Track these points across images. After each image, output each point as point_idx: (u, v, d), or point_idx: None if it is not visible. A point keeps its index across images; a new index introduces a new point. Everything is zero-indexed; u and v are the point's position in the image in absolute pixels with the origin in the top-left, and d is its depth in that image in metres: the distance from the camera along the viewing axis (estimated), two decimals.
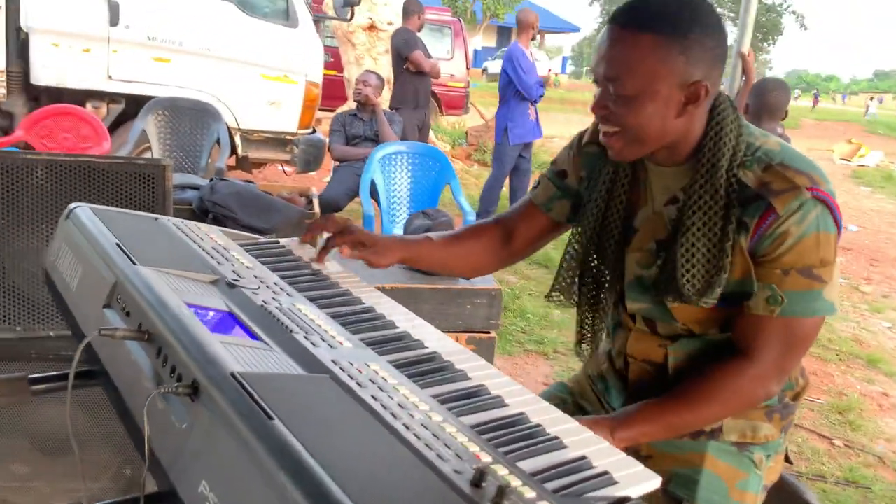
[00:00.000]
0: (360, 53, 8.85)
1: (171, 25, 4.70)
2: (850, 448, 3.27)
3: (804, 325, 1.19)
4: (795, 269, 1.16)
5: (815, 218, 1.14)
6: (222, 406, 0.71)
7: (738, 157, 1.19)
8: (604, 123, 1.21)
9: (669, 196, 1.27)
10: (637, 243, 1.30)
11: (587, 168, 1.41)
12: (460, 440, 0.75)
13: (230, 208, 2.94)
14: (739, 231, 1.17)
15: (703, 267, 1.19)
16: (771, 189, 1.15)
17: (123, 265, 0.99)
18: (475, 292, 2.72)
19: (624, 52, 1.14)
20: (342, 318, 1.05)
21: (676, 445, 1.34)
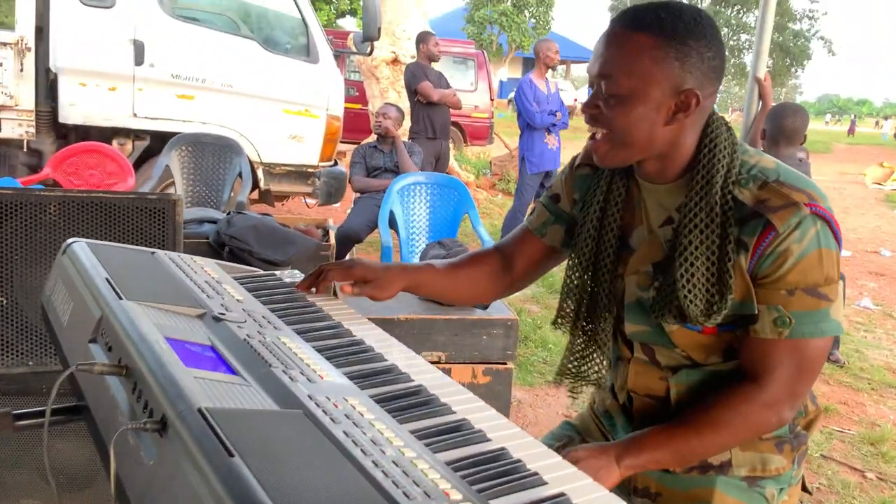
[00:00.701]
0: (384, 87, 8.96)
1: (194, 63, 4.80)
2: (883, 481, 3.16)
3: (814, 347, 1.16)
4: (801, 289, 1.13)
5: (815, 235, 1.11)
6: (187, 442, 0.70)
7: (733, 174, 1.16)
8: (592, 124, 1.19)
9: (665, 217, 1.24)
10: (634, 265, 1.28)
11: (580, 190, 1.39)
12: (432, 477, 0.73)
13: (246, 241, 2.96)
14: (739, 251, 1.14)
15: (703, 287, 1.16)
16: (768, 206, 1.12)
17: (110, 299, 0.99)
18: (491, 322, 2.70)
19: (620, 50, 1.13)
20: (328, 351, 1.04)
21: (685, 482, 1.30)
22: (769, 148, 3.38)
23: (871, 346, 4.97)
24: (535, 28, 29.59)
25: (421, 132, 5.96)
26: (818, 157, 22.23)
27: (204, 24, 4.97)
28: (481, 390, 2.72)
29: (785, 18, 36.95)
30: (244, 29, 5.12)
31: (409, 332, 2.63)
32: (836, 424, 3.66)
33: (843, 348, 4.63)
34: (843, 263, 5.91)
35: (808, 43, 37.87)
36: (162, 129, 4.83)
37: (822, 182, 15.02)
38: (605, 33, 1.17)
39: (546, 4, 29.83)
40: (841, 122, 65.82)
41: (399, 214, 4.28)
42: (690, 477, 1.30)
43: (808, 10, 37.83)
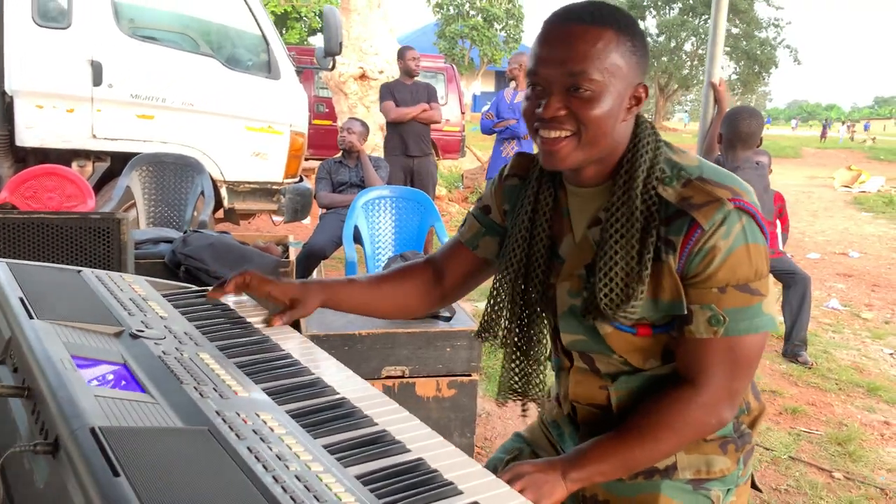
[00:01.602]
0: (352, 102, 8.95)
1: (153, 83, 4.75)
2: (850, 480, 3.16)
3: (748, 343, 1.15)
4: (732, 286, 1.12)
5: (741, 230, 1.11)
6: (76, 462, 0.67)
7: (656, 172, 1.16)
8: (557, 127, 1.14)
9: (592, 218, 1.23)
10: (567, 272, 1.26)
11: (509, 201, 1.38)
12: (336, 491, 0.71)
13: (203, 260, 2.92)
14: (667, 251, 1.13)
15: (621, 280, 1.14)
16: (692, 203, 1.11)
17: (21, 319, 0.96)
18: (454, 334, 2.67)
19: (590, 45, 1.10)
20: (250, 367, 1.01)
21: (631, 488, 1.28)
22: (725, 151, 3.41)
23: (839, 346, 5.00)
24: (506, 42, 29.80)
25: (394, 148, 5.95)
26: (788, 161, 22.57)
27: (163, 44, 4.93)
28: (447, 403, 2.69)
29: (751, 27, 37.55)
30: (204, 47, 5.08)
31: (372, 347, 2.60)
32: (803, 425, 3.67)
33: (810, 349, 4.66)
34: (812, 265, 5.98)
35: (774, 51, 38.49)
36: (122, 150, 4.77)
37: (791, 186, 15.23)
38: (561, 30, 1.13)
39: (516, 18, 30.08)
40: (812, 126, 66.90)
41: (364, 229, 4.25)
42: (637, 483, 1.28)
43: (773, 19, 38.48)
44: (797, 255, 7.68)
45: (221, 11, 5.11)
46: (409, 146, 5.88)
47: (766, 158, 4.71)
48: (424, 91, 6.00)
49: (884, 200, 13.64)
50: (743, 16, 36.32)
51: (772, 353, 4.69)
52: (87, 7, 4.60)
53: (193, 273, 2.91)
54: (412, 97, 5.90)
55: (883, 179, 16.11)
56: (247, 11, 4.95)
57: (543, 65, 1.13)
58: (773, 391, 4.05)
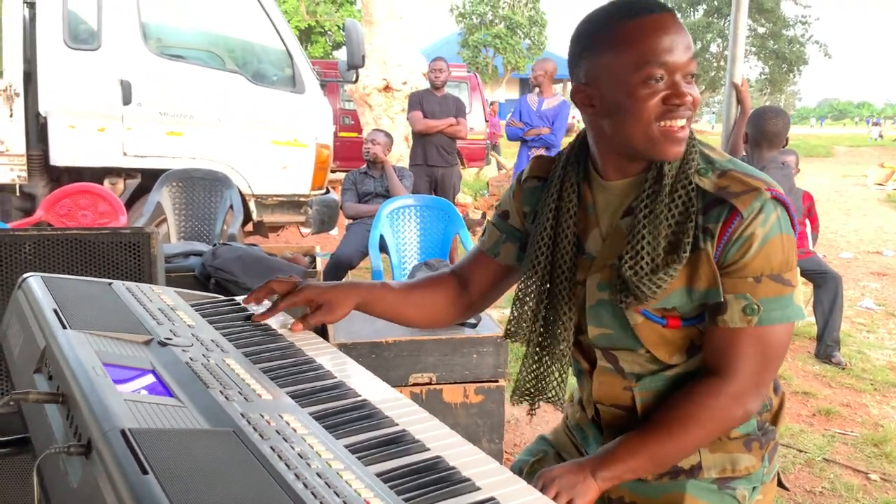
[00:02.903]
0: (377, 114, 9.02)
1: (181, 100, 4.86)
2: (887, 482, 3.11)
3: (778, 333, 1.16)
4: (766, 275, 1.13)
5: (777, 219, 1.13)
6: (107, 462, 0.70)
7: (691, 163, 1.17)
8: (686, 113, 1.15)
9: (625, 208, 1.24)
10: (598, 264, 1.26)
11: (529, 203, 1.39)
12: (356, 487, 0.74)
13: (232, 272, 2.98)
14: (706, 239, 1.14)
15: (647, 255, 1.15)
16: (730, 192, 1.13)
17: (55, 329, 1.00)
18: (480, 341, 2.69)
19: (684, 31, 1.13)
20: (274, 371, 1.04)
21: (657, 489, 1.28)
22: (751, 151, 3.39)
23: (874, 346, 4.92)
24: (529, 49, 29.82)
25: (416, 158, 6.01)
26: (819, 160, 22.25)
27: (190, 61, 5.03)
28: (474, 409, 2.71)
29: (778, 26, 37.11)
30: (230, 63, 5.18)
31: (399, 355, 2.63)
32: (838, 427, 3.62)
33: (844, 350, 4.59)
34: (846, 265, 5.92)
35: (803, 48, 38.01)
36: (152, 167, 4.87)
37: (823, 185, 15.00)
38: (666, 20, 1.13)
39: (539, 25, 30.09)
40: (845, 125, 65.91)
41: (389, 238, 4.29)
42: (662, 483, 1.28)
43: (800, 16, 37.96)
44: (830, 255, 7.57)
45: (246, 28, 5.21)
46: (432, 156, 5.92)
47: (794, 158, 4.66)
48: (453, 104, 6.04)
49: None
50: (769, 15, 35.91)
51: (804, 354, 4.63)
52: (116, 28, 4.73)
53: (223, 285, 2.96)
54: (440, 109, 5.94)
55: None
56: (271, 28, 5.04)
57: (671, 53, 1.12)
58: (806, 392, 4.00)
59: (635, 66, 1.12)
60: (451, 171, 6.06)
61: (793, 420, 3.66)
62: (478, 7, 29.97)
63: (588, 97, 1.19)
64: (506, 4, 29.97)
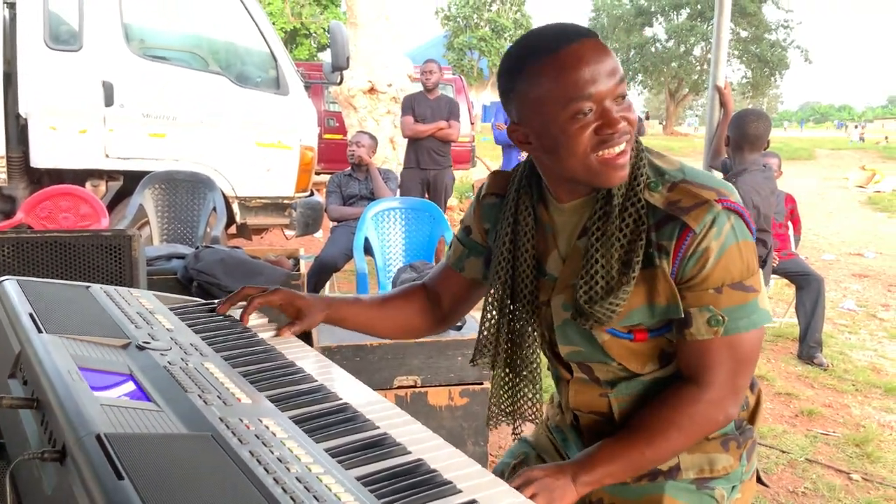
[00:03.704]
0: (362, 116, 9.00)
1: (164, 101, 4.82)
2: (868, 482, 3.14)
3: (748, 340, 1.16)
4: (727, 285, 1.13)
5: (731, 228, 1.12)
6: (82, 468, 0.69)
7: (640, 180, 1.16)
8: (622, 139, 1.11)
9: (580, 229, 1.23)
10: (560, 285, 1.26)
11: (489, 220, 1.37)
12: (335, 491, 0.73)
13: (214, 275, 2.95)
14: (661, 256, 1.13)
15: (601, 278, 1.15)
16: (681, 207, 1.12)
17: (30, 333, 0.99)
18: (465, 343, 2.68)
19: (610, 56, 1.09)
20: (253, 375, 1.03)
21: (636, 491, 1.29)
22: (733, 154, 3.40)
23: (855, 347, 4.97)
24: None
25: (409, 160, 6.03)
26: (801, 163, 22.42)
27: (173, 63, 4.99)
28: (459, 412, 2.70)
29: (761, 30, 37.46)
30: (213, 65, 5.15)
31: (383, 358, 2.62)
32: (820, 427, 3.64)
33: (826, 351, 4.63)
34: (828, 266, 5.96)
35: (785, 52, 38.37)
36: (135, 169, 4.83)
37: (806, 187, 15.12)
38: (588, 47, 1.08)
39: (524, 28, 30.16)
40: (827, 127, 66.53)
41: (374, 240, 4.28)
42: (641, 485, 1.28)
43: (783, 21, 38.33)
44: (812, 257, 7.63)
45: (230, 30, 5.18)
46: (424, 159, 5.93)
47: (776, 161, 4.70)
48: (446, 107, 6.04)
49: None
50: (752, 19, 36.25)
51: (787, 355, 4.67)
52: (97, 29, 4.69)
53: (205, 288, 2.94)
54: (432, 112, 5.94)
55: None
56: (255, 29, 5.01)
57: (595, 83, 1.07)
58: (789, 393, 4.03)
59: (561, 104, 1.08)
60: (443, 174, 6.07)
61: (775, 421, 3.68)
62: (463, 10, 30.02)
63: (524, 135, 1.17)
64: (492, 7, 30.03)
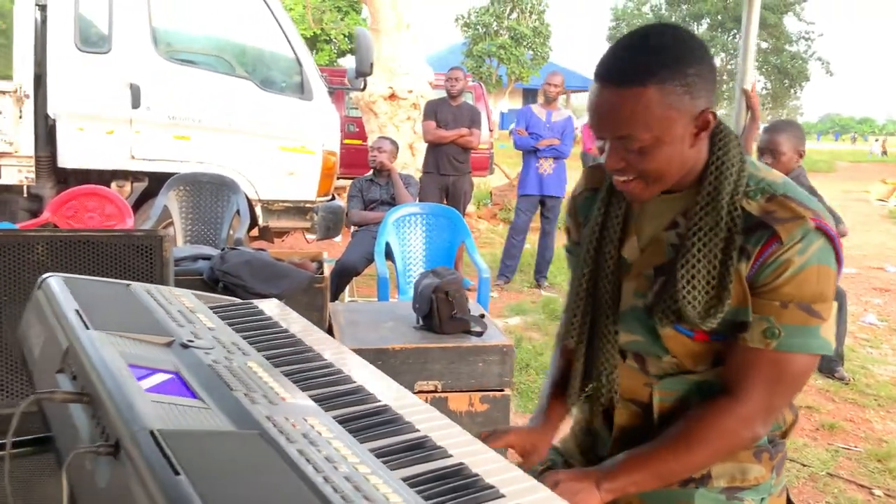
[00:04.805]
0: (382, 122, 9.04)
1: (190, 104, 4.87)
2: (891, 497, 3.11)
3: (797, 362, 1.16)
4: (794, 302, 1.13)
5: (817, 250, 1.12)
6: (137, 463, 0.70)
7: (741, 186, 1.18)
8: (621, 174, 1.19)
9: (669, 221, 1.25)
10: (634, 272, 1.28)
11: (583, 213, 1.42)
12: (384, 492, 0.74)
13: (240, 276, 2.98)
14: (741, 258, 1.15)
15: (703, 290, 1.16)
16: (775, 217, 1.14)
17: (77, 330, 1.00)
18: (486, 349, 2.68)
19: (630, 111, 1.10)
20: (295, 374, 1.04)
21: (665, 496, 1.29)
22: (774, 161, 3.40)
23: (877, 361, 4.92)
24: (533, 59, 29.89)
25: (428, 166, 6.07)
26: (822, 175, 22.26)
27: (199, 66, 5.05)
28: (479, 418, 2.70)
29: (781, 41, 37.26)
30: (239, 69, 5.20)
31: (405, 362, 2.63)
32: (842, 441, 3.61)
33: (848, 365, 4.59)
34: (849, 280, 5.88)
35: (805, 64, 38.13)
36: (160, 170, 4.88)
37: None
38: (604, 96, 1.13)
39: (543, 36, 30.17)
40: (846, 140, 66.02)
41: (395, 245, 4.29)
42: (671, 491, 1.29)
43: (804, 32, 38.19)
44: None
45: (256, 35, 5.23)
46: (443, 165, 5.96)
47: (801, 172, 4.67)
48: (468, 114, 6.07)
49: None
50: (772, 30, 36.07)
51: None
52: (126, 32, 4.75)
53: (231, 289, 2.96)
54: (454, 118, 5.98)
55: None
56: (280, 34, 5.06)
57: (596, 128, 1.18)
58: (810, 407, 4.00)
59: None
60: (462, 180, 6.09)
61: (797, 434, 3.65)
62: (483, 17, 30.06)
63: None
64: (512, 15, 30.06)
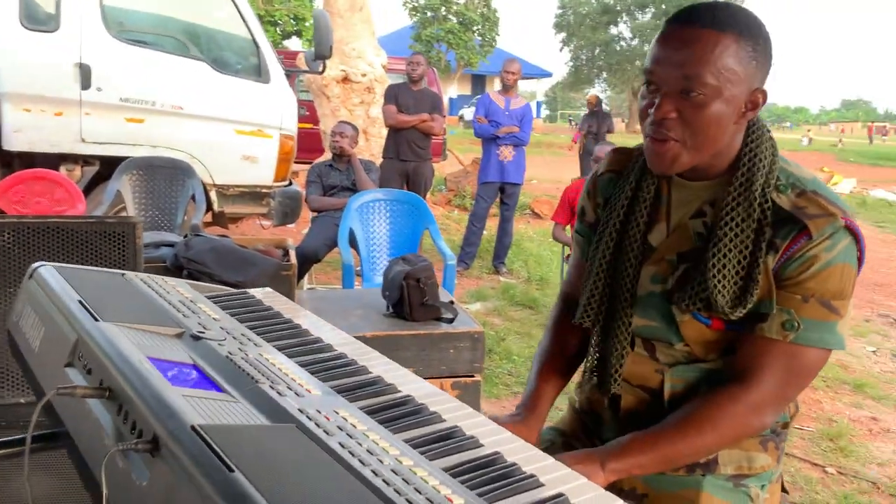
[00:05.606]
0: (335, 105, 8.94)
1: (143, 86, 4.71)
2: (843, 475, 3.24)
3: (810, 356, 1.18)
4: (816, 298, 1.15)
5: (844, 248, 1.14)
6: (182, 460, 0.68)
7: (773, 179, 1.19)
8: (664, 130, 1.16)
9: (695, 209, 1.26)
10: (656, 257, 1.28)
11: (604, 195, 1.41)
12: (432, 483, 0.73)
13: (205, 264, 2.91)
14: (768, 251, 1.16)
15: (732, 279, 1.17)
16: (806, 213, 1.15)
17: (85, 322, 0.97)
18: (457, 336, 2.69)
19: (707, 49, 1.10)
20: (311, 365, 1.03)
21: (672, 482, 1.31)
22: None
23: None
24: (481, 45, 29.88)
25: (388, 151, 6.02)
26: None
27: (152, 47, 4.88)
28: None
29: None
30: (193, 50, 5.05)
31: (376, 350, 2.61)
32: (795, 422, 3.73)
33: None
34: None
35: None
36: (111, 154, 4.71)
37: None
38: (680, 32, 1.13)
39: (491, 21, 30.18)
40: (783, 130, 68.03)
41: (359, 232, 4.26)
42: (677, 477, 1.30)
43: None
44: None
45: (211, 15, 5.08)
46: (404, 151, 5.92)
47: None
48: (429, 100, 6.02)
49: (857, 202, 13.89)
50: None
51: None
52: (75, 10, 4.56)
53: (196, 276, 2.89)
54: (415, 103, 5.92)
55: (854, 181, 16.42)
56: (237, 15, 4.93)
57: (660, 65, 1.14)
58: None
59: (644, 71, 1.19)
60: (423, 166, 6.05)
61: None
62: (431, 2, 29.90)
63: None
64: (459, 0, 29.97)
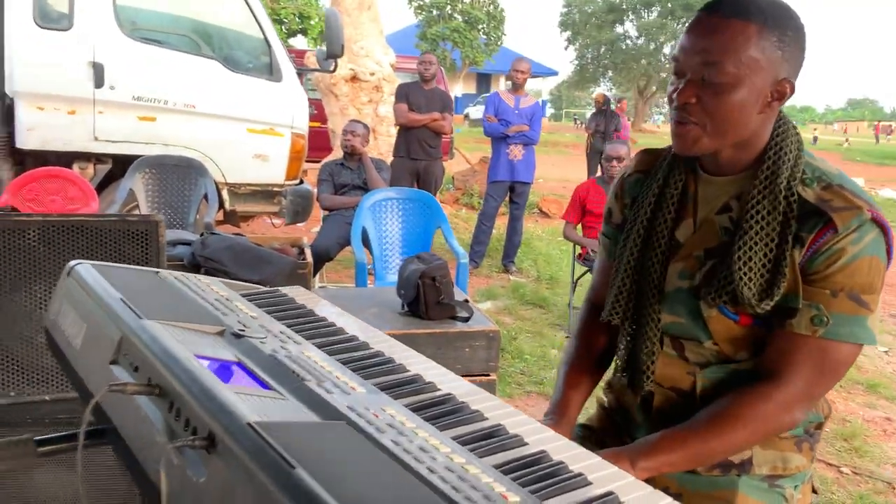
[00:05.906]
0: (343, 104, 8.95)
1: (155, 85, 4.73)
2: (858, 475, 3.24)
3: (841, 351, 1.18)
4: (844, 292, 1.15)
5: (871, 241, 1.14)
6: (241, 457, 0.69)
7: (798, 173, 1.20)
8: (686, 113, 1.19)
9: (721, 204, 1.27)
10: (684, 253, 1.29)
11: (631, 195, 1.43)
12: (486, 481, 0.73)
13: (222, 262, 2.93)
14: (794, 245, 1.17)
15: (759, 272, 1.18)
16: (831, 206, 1.15)
17: (129, 320, 0.97)
18: (473, 335, 2.69)
19: (728, 38, 1.13)
20: (352, 363, 1.03)
21: (707, 482, 1.30)
22: None
23: None
24: (487, 44, 29.88)
25: (399, 150, 6.03)
26: None
27: (164, 45, 4.89)
28: None
29: None
30: (206, 49, 5.06)
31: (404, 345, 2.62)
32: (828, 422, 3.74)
33: None
34: None
35: None
36: (124, 152, 4.73)
37: None
38: (705, 22, 1.17)
39: (497, 20, 30.17)
40: None
41: (371, 230, 4.26)
42: (711, 477, 1.30)
43: None
44: None
45: (224, 14, 5.10)
46: (414, 149, 5.92)
47: None
48: (440, 99, 6.03)
49: None
50: None
51: None
52: (88, 9, 4.57)
53: (213, 275, 2.90)
54: (427, 102, 5.93)
55: (862, 181, 16.36)
56: (249, 14, 4.94)
57: (684, 53, 1.18)
58: None
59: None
60: (434, 165, 6.06)
61: None
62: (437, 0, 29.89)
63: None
64: None
